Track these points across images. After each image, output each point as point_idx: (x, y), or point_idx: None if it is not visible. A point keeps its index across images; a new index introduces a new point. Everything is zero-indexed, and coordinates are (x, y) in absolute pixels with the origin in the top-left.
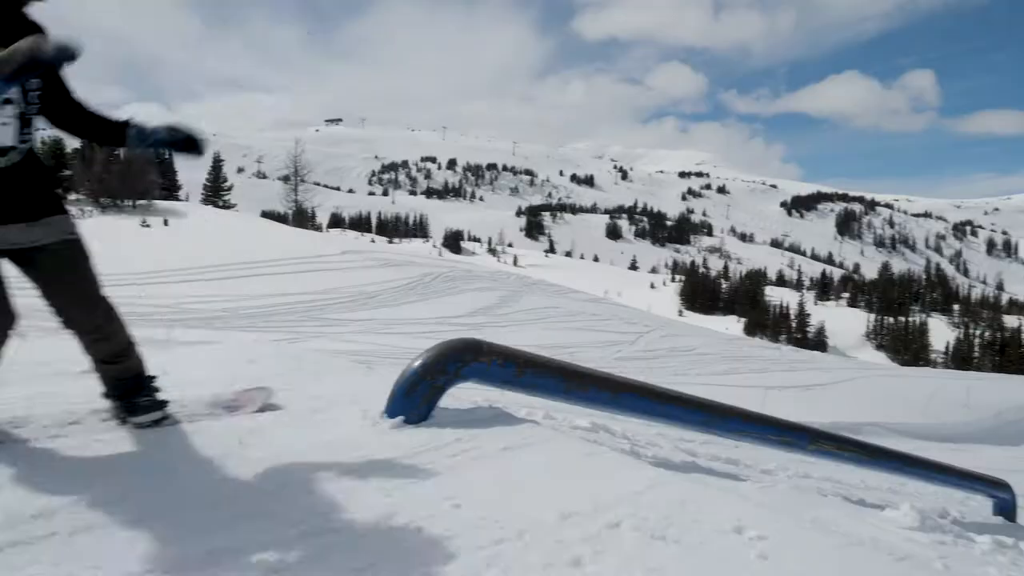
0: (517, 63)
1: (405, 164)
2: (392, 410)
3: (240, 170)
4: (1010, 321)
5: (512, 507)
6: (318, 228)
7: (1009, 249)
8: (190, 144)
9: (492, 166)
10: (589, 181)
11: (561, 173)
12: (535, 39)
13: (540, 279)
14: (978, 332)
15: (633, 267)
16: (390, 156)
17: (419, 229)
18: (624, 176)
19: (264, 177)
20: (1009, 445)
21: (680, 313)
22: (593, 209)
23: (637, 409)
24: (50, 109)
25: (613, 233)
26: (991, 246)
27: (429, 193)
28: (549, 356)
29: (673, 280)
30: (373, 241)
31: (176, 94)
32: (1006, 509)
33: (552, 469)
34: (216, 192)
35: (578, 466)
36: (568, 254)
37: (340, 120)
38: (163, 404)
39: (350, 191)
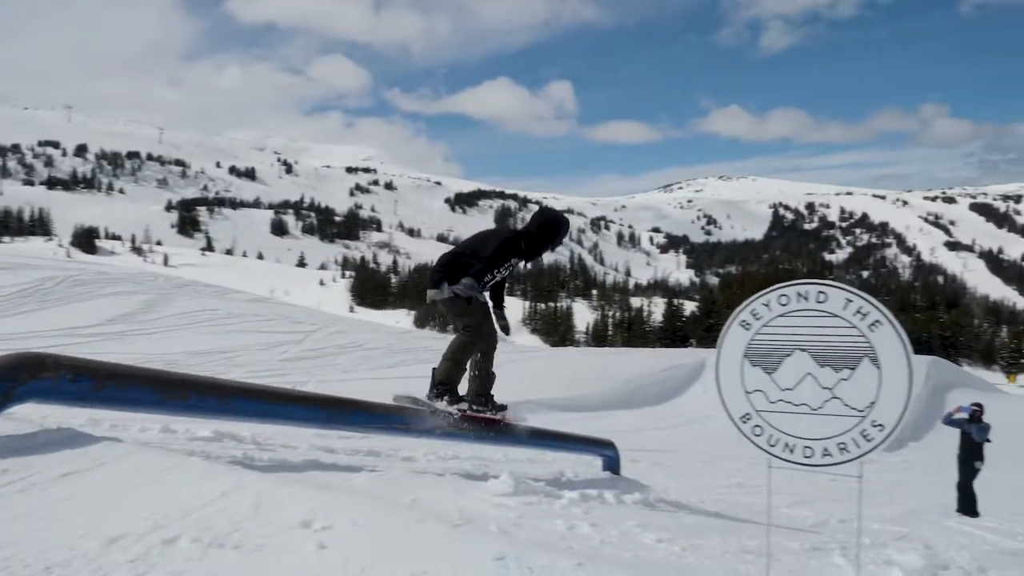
0: (163, 41)
1: (17, 148)
2: None
3: None
4: (635, 302)
5: (50, 540)
6: None
7: (634, 241)
8: None
9: (134, 154)
10: (251, 174)
11: (218, 165)
12: (183, 16)
13: (194, 280)
14: (611, 313)
15: (301, 264)
16: None
17: (39, 225)
18: (289, 170)
19: None
20: (635, 408)
21: (351, 309)
22: (256, 204)
23: (251, 413)
24: None
25: (279, 229)
26: (620, 238)
27: (51, 183)
28: (199, 364)
29: (343, 276)
30: None
31: None
32: (611, 465)
33: (117, 490)
34: None
35: (150, 482)
36: (229, 252)
37: None
38: None
39: None
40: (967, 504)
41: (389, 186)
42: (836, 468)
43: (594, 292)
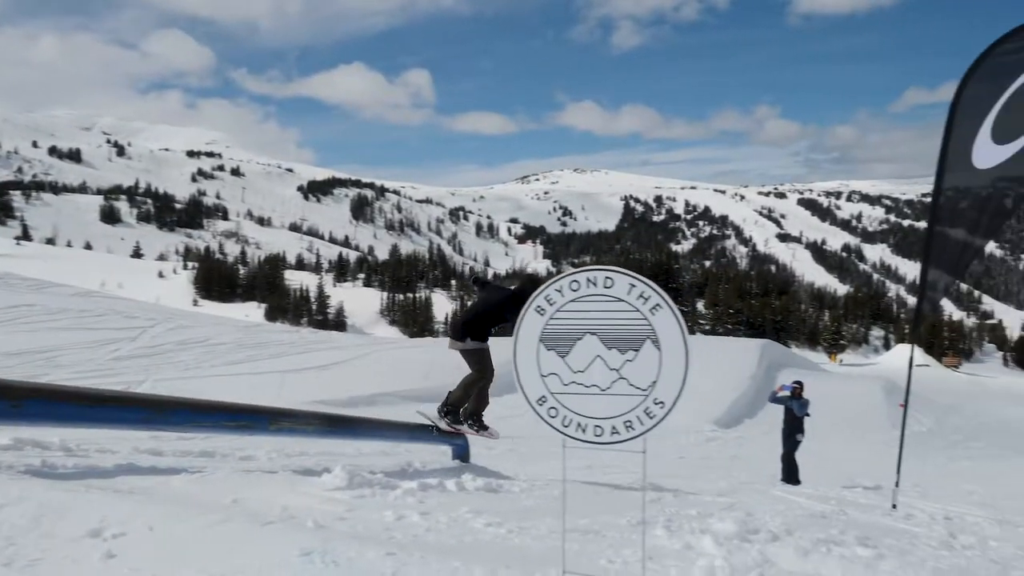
0: None
1: None
2: None
3: None
4: None
5: None
6: None
7: (492, 231)
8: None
9: None
10: (75, 156)
11: (35, 144)
12: None
13: (7, 272)
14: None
15: (137, 255)
16: None
17: None
18: (121, 152)
19: None
20: (494, 397)
21: (195, 303)
22: (83, 189)
23: (52, 417)
24: None
25: (110, 217)
26: (479, 229)
27: None
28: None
29: (185, 268)
30: None
31: None
32: (461, 453)
33: None
34: None
35: None
36: (51, 242)
37: None
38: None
39: None
40: (790, 473)
41: (236, 172)
42: (624, 445)
43: (453, 282)
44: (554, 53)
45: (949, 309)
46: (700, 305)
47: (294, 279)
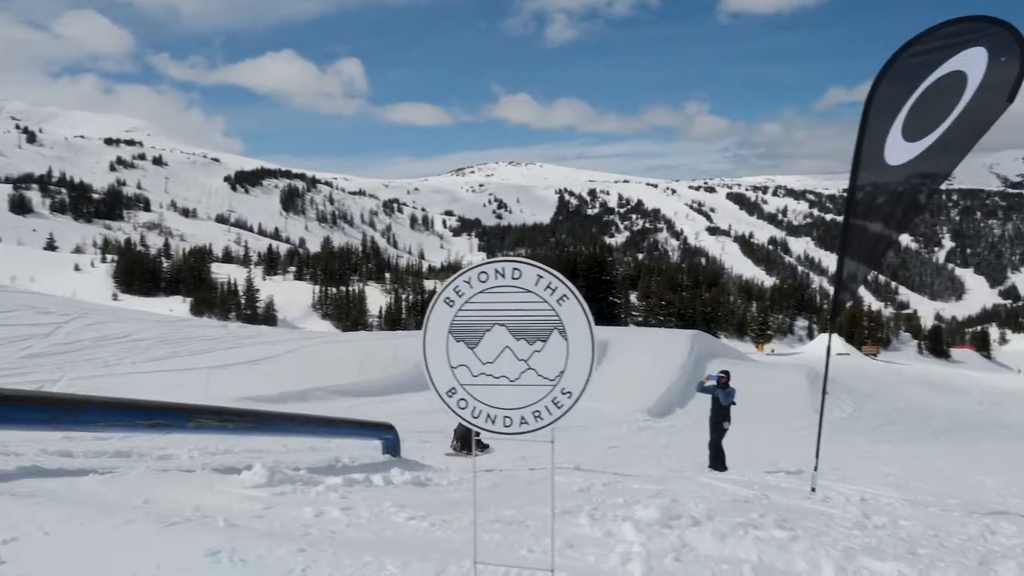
0: None
1: None
2: None
3: None
4: (429, 285)
5: None
6: None
7: (427, 224)
8: None
9: None
10: None
11: None
12: None
13: None
14: (405, 296)
15: (51, 247)
16: None
17: None
18: (32, 139)
19: None
20: (427, 391)
21: (115, 297)
22: None
23: None
24: None
25: (20, 207)
26: (413, 221)
27: None
28: None
29: (104, 261)
30: None
31: None
32: (391, 447)
33: None
34: None
35: None
36: None
37: None
38: None
39: None
40: (717, 460)
41: (158, 161)
42: (533, 435)
43: (387, 275)
44: (488, 45)
45: (868, 300)
46: (633, 297)
47: (221, 272)
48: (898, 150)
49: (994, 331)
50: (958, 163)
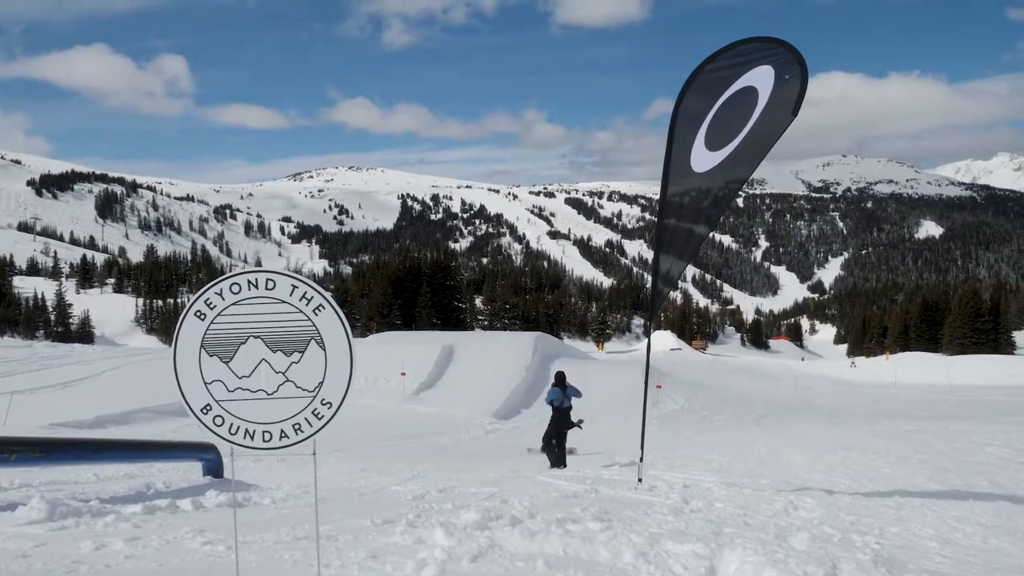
0: None
1: None
2: None
3: None
4: None
5: None
6: None
7: (264, 230)
8: None
9: None
10: None
11: None
12: None
13: None
14: None
15: None
16: None
17: None
18: None
19: None
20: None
21: None
22: None
23: None
24: None
25: None
26: (248, 228)
27: None
28: None
29: None
30: None
31: None
32: (212, 468)
33: None
34: None
35: None
36: None
37: None
38: None
39: None
40: (558, 458)
41: None
42: (293, 448)
43: None
44: (324, 47)
45: (696, 297)
46: (478, 301)
47: (25, 286)
48: (702, 159)
49: (805, 322)
50: (754, 170)
